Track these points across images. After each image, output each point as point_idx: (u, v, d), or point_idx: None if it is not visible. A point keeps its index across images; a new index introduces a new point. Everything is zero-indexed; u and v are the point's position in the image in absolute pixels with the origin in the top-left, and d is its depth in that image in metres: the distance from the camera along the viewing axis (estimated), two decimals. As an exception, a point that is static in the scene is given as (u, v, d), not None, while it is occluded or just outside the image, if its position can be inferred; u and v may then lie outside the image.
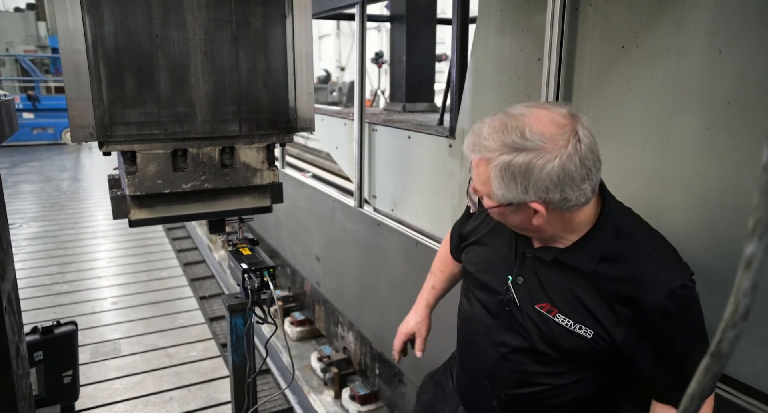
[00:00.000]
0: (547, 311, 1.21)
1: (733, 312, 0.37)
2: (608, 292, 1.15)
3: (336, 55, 22.49)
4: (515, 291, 1.26)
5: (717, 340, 0.37)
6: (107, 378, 3.46)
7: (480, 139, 1.10)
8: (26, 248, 5.90)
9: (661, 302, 1.10)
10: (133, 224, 1.87)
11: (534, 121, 1.07)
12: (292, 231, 4.64)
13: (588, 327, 1.17)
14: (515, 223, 1.19)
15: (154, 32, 1.71)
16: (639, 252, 1.14)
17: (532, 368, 1.27)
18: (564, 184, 1.05)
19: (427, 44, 4.12)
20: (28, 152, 12.63)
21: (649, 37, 1.53)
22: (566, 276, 1.20)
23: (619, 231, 1.17)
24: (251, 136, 1.92)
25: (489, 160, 1.08)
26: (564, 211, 1.12)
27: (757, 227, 0.36)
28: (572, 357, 1.22)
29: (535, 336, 1.24)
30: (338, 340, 3.91)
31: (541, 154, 1.04)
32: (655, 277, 1.11)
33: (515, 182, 1.07)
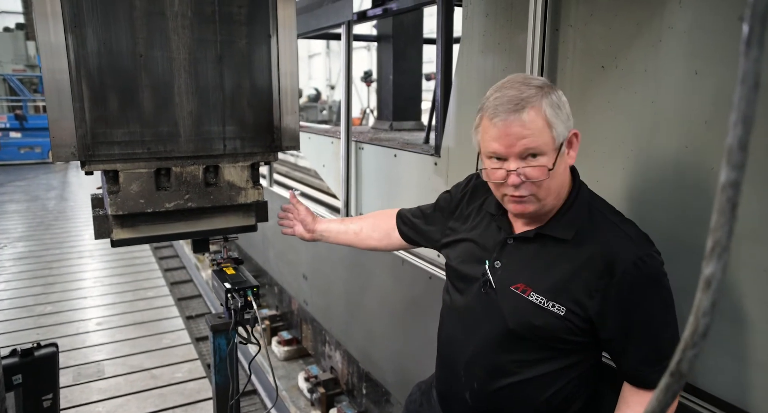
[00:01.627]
0: (521, 291, 1.27)
1: (692, 332, 0.37)
2: (583, 264, 1.21)
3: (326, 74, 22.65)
4: (492, 275, 1.33)
5: (677, 360, 0.37)
6: (90, 400, 3.40)
7: (519, 97, 1.18)
8: (10, 269, 5.82)
9: (630, 270, 1.16)
10: (115, 244, 1.85)
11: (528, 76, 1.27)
12: (280, 250, 4.61)
13: (561, 304, 1.22)
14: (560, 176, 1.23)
15: (137, 52, 1.71)
16: (610, 225, 1.23)
17: (506, 356, 1.31)
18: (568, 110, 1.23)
19: (414, 63, 4.17)
20: (14, 171, 12.53)
21: (627, 57, 1.56)
22: (545, 253, 1.27)
23: (591, 206, 1.27)
24: (235, 155, 1.92)
25: (538, 106, 1.17)
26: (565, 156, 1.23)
27: (716, 247, 0.36)
28: (545, 338, 1.25)
29: (509, 316, 1.28)
30: (325, 360, 3.87)
31: (554, 88, 1.22)
32: (624, 247, 1.18)
33: (561, 111, 1.20)
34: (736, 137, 0.35)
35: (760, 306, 1.28)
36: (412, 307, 2.68)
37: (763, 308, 1.28)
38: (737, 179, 0.35)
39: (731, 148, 0.35)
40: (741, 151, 0.35)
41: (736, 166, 0.35)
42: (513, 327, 1.27)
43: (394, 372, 2.87)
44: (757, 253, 1.27)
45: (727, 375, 1.36)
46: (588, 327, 1.22)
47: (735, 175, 0.35)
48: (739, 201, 0.35)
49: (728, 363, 1.35)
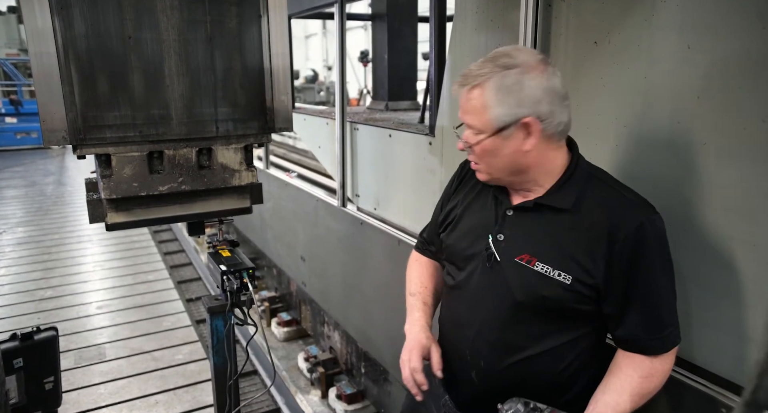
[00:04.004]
0: (526, 262, 1.25)
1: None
2: (586, 231, 1.20)
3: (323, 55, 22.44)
4: (495, 248, 1.30)
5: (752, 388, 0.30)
6: (92, 383, 3.43)
7: (471, 71, 1.20)
8: (10, 254, 5.83)
9: (632, 234, 1.17)
10: (110, 228, 1.86)
11: (516, 51, 1.22)
12: (278, 232, 4.62)
13: (566, 272, 1.20)
14: (505, 159, 1.23)
15: (126, 34, 1.69)
16: (611, 191, 1.23)
17: (513, 331, 1.28)
18: (551, 96, 1.18)
19: (409, 43, 4.13)
20: (11, 157, 12.48)
21: (620, 32, 1.54)
22: (546, 222, 1.25)
23: (591, 174, 1.27)
24: (228, 137, 1.91)
25: (482, 84, 1.18)
26: (548, 141, 1.21)
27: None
28: (553, 309, 1.23)
29: (515, 287, 1.26)
30: (324, 340, 3.91)
31: (528, 71, 1.17)
32: (627, 211, 1.19)
33: (510, 95, 1.16)
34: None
35: (756, 282, 1.29)
36: (409, 287, 2.69)
37: (758, 284, 1.28)
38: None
39: None
40: None
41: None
42: (521, 299, 1.25)
43: (392, 351, 2.90)
44: (748, 228, 1.28)
45: (724, 352, 1.37)
46: (594, 295, 1.21)
47: None
48: None
49: (725, 339, 1.37)
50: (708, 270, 1.37)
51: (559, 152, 1.26)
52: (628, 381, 1.20)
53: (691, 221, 1.39)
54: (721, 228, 1.33)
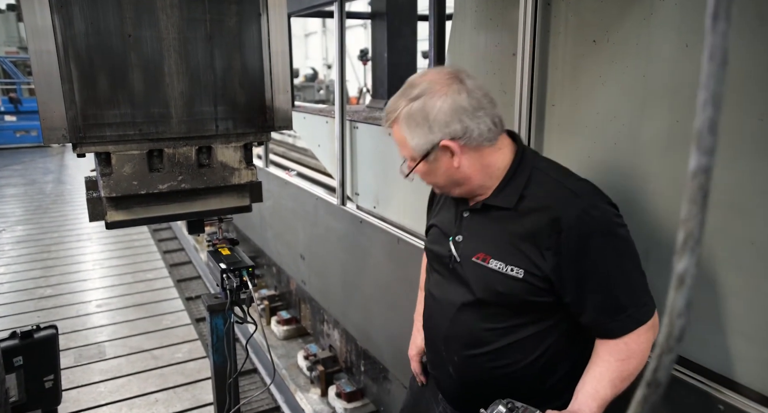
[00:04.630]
0: (482, 260, 1.31)
1: (668, 336, 0.32)
2: (532, 225, 1.24)
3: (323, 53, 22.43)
4: (455, 250, 1.37)
5: (653, 368, 0.33)
6: (91, 381, 3.44)
7: (387, 109, 1.29)
8: (9, 252, 5.84)
9: (574, 223, 1.19)
10: (109, 226, 1.86)
11: (423, 77, 1.27)
12: (277, 231, 4.63)
13: (519, 267, 1.25)
14: (443, 176, 1.30)
15: (126, 32, 1.69)
16: (552, 183, 1.27)
17: (480, 326, 1.34)
18: (459, 114, 1.21)
19: (408, 41, 4.13)
20: (10, 155, 12.48)
21: (619, 31, 1.55)
22: (496, 221, 1.31)
23: (535, 169, 1.30)
24: (228, 136, 1.91)
25: (397, 118, 1.26)
26: (479, 151, 1.26)
27: (689, 240, 0.32)
28: (513, 304, 1.28)
29: (475, 285, 1.32)
30: (324, 338, 3.92)
31: (431, 95, 1.22)
32: (567, 201, 1.22)
33: (419, 126, 1.23)
34: (706, 118, 0.31)
35: (745, 277, 1.29)
36: (409, 285, 2.70)
37: (747, 279, 1.29)
38: (709, 164, 0.31)
39: (701, 132, 0.31)
40: (711, 134, 0.31)
41: (706, 150, 0.31)
42: (480, 296, 1.31)
43: (391, 350, 2.91)
44: (740, 224, 1.28)
45: (713, 346, 1.38)
46: (548, 286, 1.24)
47: (706, 160, 0.31)
48: (710, 188, 0.31)
49: (714, 333, 1.37)
50: (706, 267, 1.37)
51: (498, 154, 1.30)
52: (606, 366, 1.23)
53: (689, 219, 1.40)
54: (719, 225, 1.33)
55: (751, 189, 1.26)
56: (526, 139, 1.84)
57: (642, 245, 1.52)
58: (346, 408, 3.29)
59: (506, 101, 1.96)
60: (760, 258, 1.26)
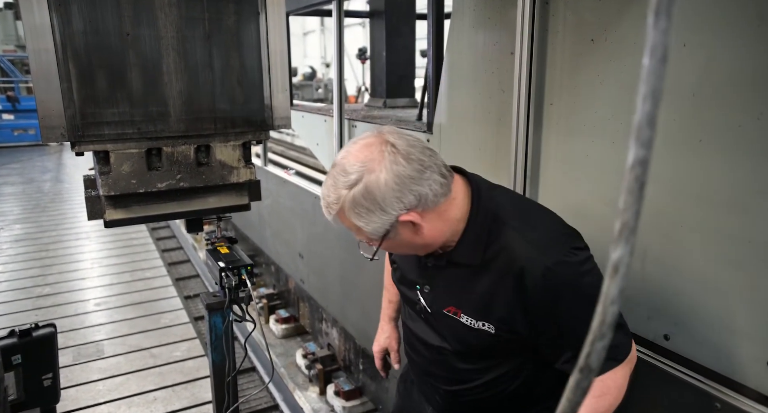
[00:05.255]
0: (453, 313, 1.28)
1: (600, 323, 0.34)
2: (497, 283, 1.20)
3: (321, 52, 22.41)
4: (424, 300, 1.34)
5: (585, 353, 0.34)
6: (90, 379, 3.44)
7: (326, 201, 1.16)
8: (7, 251, 5.83)
9: (539, 282, 1.14)
10: (108, 225, 1.86)
11: (349, 157, 1.14)
12: (276, 229, 4.63)
13: (489, 322, 1.22)
14: (407, 246, 1.22)
15: (124, 30, 1.69)
16: (515, 238, 1.18)
17: (459, 365, 1.34)
18: (406, 185, 1.10)
19: (407, 40, 4.13)
20: (8, 154, 12.46)
21: (617, 30, 1.55)
22: (462, 276, 1.25)
23: (496, 217, 1.21)
24: (226, 134, 1.91)
25: (341, 209, 1.14)
26: (435, 210, 1.16)
27: (624, 230, 0.33)
28: (486, 352, 1.29)
29: (449, 337, 1.31)
30: (323, 337, 3.92)
31: (368, 174, 1.10)
32: (531, 259, 1.15)
33: (371, 210, 1.11)
34: (644, 113, 0.32)
35: (742, 275, 1.30)
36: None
37: (744, 277, 1.29)
38: (646, 157, 0.32)
39: (640, 125, 0.32)
40: (650, 128, 0.32)
41: (644, 143, 0.32)
42: (455, 347, 1.31)
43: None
44: (738, 223, 1.29)
45: (710, 344, 1.38)
46: (521, 338, 1.23)
47: (644, 152, 0.32)
48: (647, 180, 0.32)
49: (711, 332, 1.38)
50: (704, 266, 1.38)
51: (452, 205, 1.20)
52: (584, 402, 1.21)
53: (686, 217, 1.40)
54: (716, 224, 1.34)
55: (749, 188, 1.27)
56: (524, 137, 1.85)
57: (640, 242, 1.53)
58: (344, 407, 3.29)
59: (504, 100, 1.97)
60: (758, 257, 1.26)
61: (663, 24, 0.32)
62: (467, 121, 2.20)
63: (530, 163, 1.87)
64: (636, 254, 1.55)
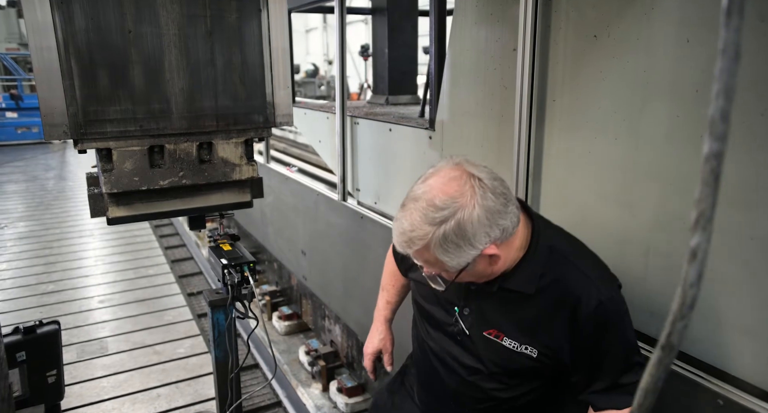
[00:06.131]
0: (495, 336, 1.31)
1: (681, 304, 0.37)
2: (547, 309, 1.24)
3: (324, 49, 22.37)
4: (463, 322, 1.36)
5: (667, 333, 0.37)
6: (94, 376, 3.46)
7: (408, 236, 1.14)
8: (12, 248, 5.85)
9: (592, 314, 1.19)
10: (111, 222, 1.87)
11: (436, 191, 1.13)
12: (278, 226, 4.63)
13: (533, 346, 1.26)
14: (479, 275, 1.23)
15: (126, 28, 1.70)
16: (572, 270, 1.23)
17: (489, 385, 1.37)
18: (495, 219, 1.13)
19: (409, 37, 4.12)
20: (12, 152, 12.49)
21: (619, 26, 1.55)
22: (510, 301, 1.28)
23: (553, 249, 1.26)
24: (228, 131, 1.92)
25: (427, 244, 1.13)
26: (508, 240, 1.18)
27: (701, 219, 0.36)
28: (522, 375, 1.32)
29: (487, 360, 1.34)
30: (325, 334, 3.93)
31: (461, 211, 1.10)
32: (587, 292, 1.20)
33: (459, 246, 1.12)
34: (718, 108, 0.34)
35: (745, 272, 1.29)
36: (409, 281, 2.70)
37: (747, 274, 1.29)
38: (720, 150, 0.34)
39: (714, 120, 0.34)
40: (723, 122, 0.34)
41: (719, 137, 0.34)
42: (493, 370, 1.34)
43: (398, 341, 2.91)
44: (741, 219, 1.28)
45: (713, 341, 1.38)
46: (560, 365, 1.28)
47: (718, 146, 0.34)
48: (722, 171, 0.35)
49: (714, 328, 1.38)
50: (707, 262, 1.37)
51: (517, 234, 1.22)
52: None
53: (689, 214, 1.40)
54: (720, 220, 1.33)
55: (752, 184, 1.26)
56: (526, 134, 1.84)
57: (643, 239, 1.53)
58: (347, 403, 3.30)
59: (507, 96, 1.96)
60: (761, 253, 1.26)
61: (735, 23, 0.33)
62: (469, 117, 2.20)
63: (533, 160, 1.87)
64: (639, 251, 1.55)
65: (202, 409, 3.14)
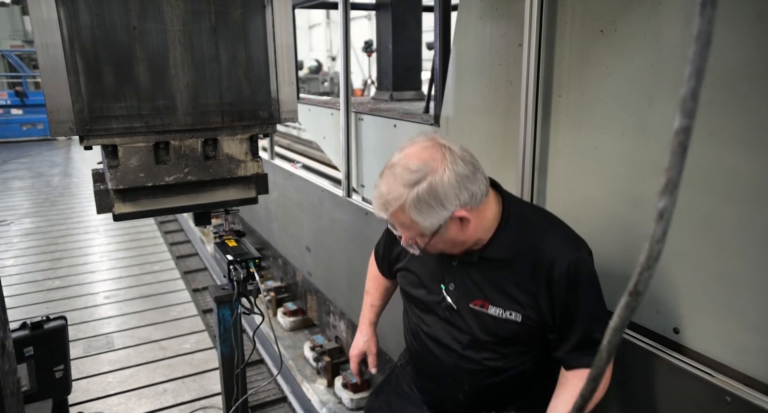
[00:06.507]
0: (480, 306, 1.40)
1: (648, 258, 0.43)
2: (524, 274, 1.34)
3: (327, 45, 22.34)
4: (450, 298, 1.44)
5: (635, 281, 0.42)
6: (101, 371, 3.47)
7: (385, 198, 1.27)
8: (18, 245, 5.88)
9: (564, 273, 1.31)
10: (117, 218, 1.87)
11: (410, 158, 1.25)
12: (283, 223, 4.64)
13: (516, 311, 1.36)
14: (448, 242, 1.33)
15: (131, 24, 1.69)
16: (544, 236, 1.36)
17: (483, 355, 1.45)
18: (464, 183, 1.24)
19: (413, 32, 4.11)
20: (17, 148, 12.54)
21: (626, 20, 1.54)
22: (490, 271, 1.39)
23: (524, 218, 1.38)
24: (233, 128, 1.91)
25: (402, 205, 1.24)
26: (479, 207, 1.29)
27: (669, 184, 0.41)
28: (512, 341, 1.40)
29: (477, 330, 1.42)
30: (330, 329, 3.94)
31: (433, 174, 1.22)
32: (560, 254, 1.32)
33: (432, 207, 1.23)
34: (689, 88, 0.38)
35: (755, 269, 1.29)
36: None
37: (757, 271, 1.29)
38: (689, 125, 0.38)
39: (685, 98, 0.38)
40: (693, 101, 0.38)
41: (688, 113, 0.38)
42: (484, 339, 1.42)
43: (396, 341, 2.91)
44: (756, 216, 1.28)
45: (721, 337, 1.38)
46: (542, 326, 1.37)
47: (687, 121, 0.38)
48: (689, 144, 0.39)
49: (722, 325, 1.37)
50: (714, 259, 1.37)
51: (488, 205, 1.34)
52: (574, 390, 1.35)
53: (696, 210, 1.39)
54: (727, 216, 1.33)
55: (760, 180, 1.26)
56: (532, 130, 1.84)
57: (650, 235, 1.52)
58: (352, 399, 3.31)
59: (512, 92, 1.95)
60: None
61: (709, 13, 0.37)
62: (474, 113, 2.19)
63: (538, 156, 1.86)
64: (645, 246, 1.54)
65: (207, 404, 3.16)
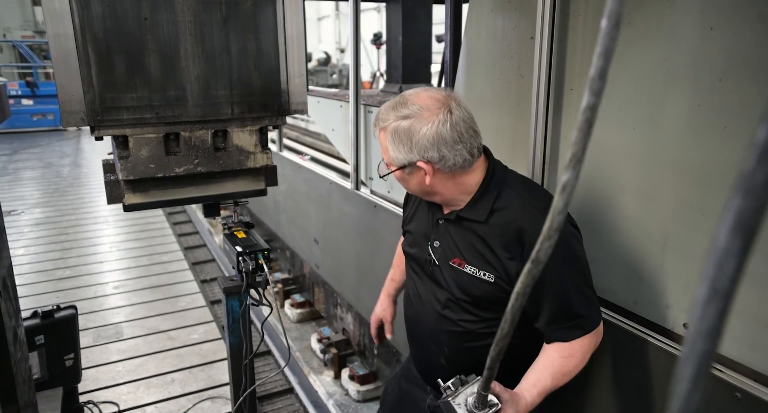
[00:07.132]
0: (458, 264, 1.45)
1: (549, 228, 0.46)
2: (499, 237, 1.37)
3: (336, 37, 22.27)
4: (434, 254, 1.50)
5: (537, 250, 0.47)
6: (110, 360, 3.51)
7: (379, 115, 1.39)
8: (28, 234, 5.93)
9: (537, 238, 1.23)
10: (127, 208, 1.88)
11: (417, 97, 1.35)
12: (291, 215, 4.65)
13: (489, 272, 1.39)
14: (415, 186, 1.43)
15: (142, 15, 1.69)
16: (519, 200, 1.38)
17: (459, 316, 1.48)
18: (438, 144, 1.31)
19: (423, 25, 4.09)
20: (27, 139, 12.62)
21: (641, 13, 1.52)
22: (468, 232, 1.43)
23: (503, 186, 1.41)
24: (243, 119, 1.91)
25: (385, 128, 1.36)
26: (452, 173, 1.36)
27: (573, 159, 0.42)
28: (486, 301, 1.43)
29: (453, 287, 1.46)
30: (337, 321, 3.95)
31: (419, 120, 1.31)
32: (532, 218, 1.33)
33: (402, 143, 1.33)
34: (597, 68, 0.38)
35: (761, 264, 1.28)
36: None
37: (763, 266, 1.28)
38: (596, 103, 0.39)
39: (593, 77, 0.39)
40: (600, 80, 0.39)
41: (596, 92, 0.39)
42: (459, 296, 1.45)
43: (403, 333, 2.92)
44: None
45: (731, 333, 1.37)
46: None
47: (594, 100, 0.39)
48: (594, 121, 0.40)
49: (732, 321, 1.36)
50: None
51: (470, 175, 1.40)
52: (550, 361, 1.38)
53: (709, 205, 1.38)
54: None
55: None
56: (543, 123, 1.83)
57: (661, 230, 1.51)
58: (359, 391, 3.33)
59: (523, 85, 1.94)
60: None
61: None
62: (485, 106, 2.18)
63: (549, 149, 1.85)
64: (657, 241, 1.53)
65: (215, 394, 3.18)
